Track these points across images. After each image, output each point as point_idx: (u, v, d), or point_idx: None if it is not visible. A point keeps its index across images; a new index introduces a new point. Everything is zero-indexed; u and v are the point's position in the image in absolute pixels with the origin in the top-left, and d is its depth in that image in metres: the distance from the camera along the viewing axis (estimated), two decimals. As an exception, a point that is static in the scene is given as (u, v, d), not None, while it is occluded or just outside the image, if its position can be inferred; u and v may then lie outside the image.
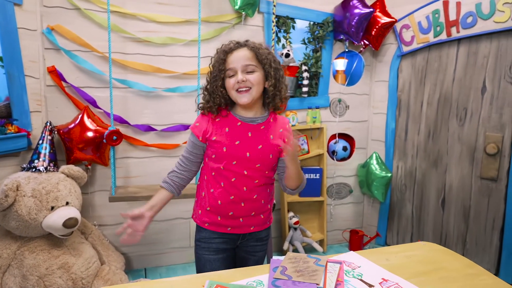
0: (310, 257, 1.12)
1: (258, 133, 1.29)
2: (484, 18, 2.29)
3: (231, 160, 1.27)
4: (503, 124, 2.30)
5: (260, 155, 1.28)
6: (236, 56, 1.24)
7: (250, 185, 1.29)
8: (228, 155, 1.27)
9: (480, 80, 2.38)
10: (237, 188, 1.29)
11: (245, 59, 1.23)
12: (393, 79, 2.84)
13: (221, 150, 1.27)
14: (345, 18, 2.60)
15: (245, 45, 1.27)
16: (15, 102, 2.04)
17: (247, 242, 1.40)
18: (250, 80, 1.23)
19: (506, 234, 2.30)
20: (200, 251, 1.38)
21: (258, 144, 1.28)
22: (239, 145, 1.27)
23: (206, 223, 1.36)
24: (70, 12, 2.16)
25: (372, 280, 1.05)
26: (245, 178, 1.29)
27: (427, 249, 1.28)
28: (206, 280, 1.00)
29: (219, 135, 1.27)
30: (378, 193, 2.81)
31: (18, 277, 1.80)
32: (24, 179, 1.87)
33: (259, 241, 1.41)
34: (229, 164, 1.28)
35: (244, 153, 1.27)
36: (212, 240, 1.36)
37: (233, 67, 1.23)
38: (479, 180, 2.42)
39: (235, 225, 1.34)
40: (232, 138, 1.27)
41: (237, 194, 1.29)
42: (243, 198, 1.30)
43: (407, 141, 2.82)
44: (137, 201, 2.36)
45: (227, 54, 1.25)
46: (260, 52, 1.25)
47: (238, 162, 1.27)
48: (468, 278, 1.08)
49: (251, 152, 1.27)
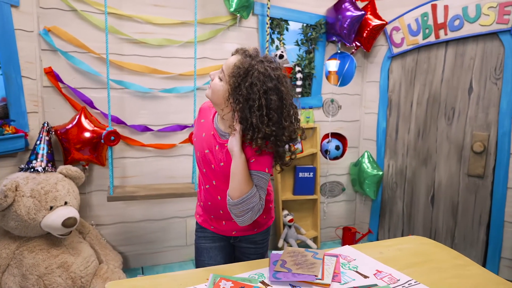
0: (308, 251, 1.18)
1: (222, 150, 1.21)
2: (470, 21, 2.37)
3: (201, 167, 1.29)
4: (489, 123, 2.39)
5: (220, 171, 1.22)
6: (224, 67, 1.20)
7: (223, 195, 1.23)
8: (199, 161, 1.28)
9: (467, 80, 2.47)
10: (212, 195, 1.29)
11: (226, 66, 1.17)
12: (384, 80, 2.92)
13: (197, 153, 1.30)
14: (337, 20, 2.66)
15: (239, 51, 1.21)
16: (12, 103, 2.05)
17: (240, 243, 1.41)
18: (211, 85, 1.20)
19: (492, 229, 2.39)
20: (198, 240, 1.43)
21: (221, 161, 1.22)
22: (208, 154, 1.24)
23: (198, 214, 1.44)
24: (66, 13, 2.17)
25: (367, 271, 1.11)
26: (216, 188, 1.26)
27: (418, 243, 1.35)
28: (210, 274, 1.05)
29: (197, 137, 1.31)
30: (370, 191, 2.89)
31: (18, 276, 1.82)
32: (23, 179, 1.88)
33: (253, 243, 1.40)
34: (201, 171, 1.30)
35: (210, 164, 1.25)
36: (207, 232, 1.40)
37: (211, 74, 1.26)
38: (467, 177, 2.51)
39: (218, 227, 1.36)
40: (204, 145, 1.26)
41: (213, 201, 1.30)
42: (220, 206, 1.29)
43: (398, 140, 2.90)
44: (134, 201, 2.41)
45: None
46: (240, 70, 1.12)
47: (207, 171, 1.26)
48: (457, 268, 1.15)
49: (215, 165, 1.23)
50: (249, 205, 1.11)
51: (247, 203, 1.11)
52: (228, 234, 1.38)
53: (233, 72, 1.13)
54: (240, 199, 1.11)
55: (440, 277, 1.08)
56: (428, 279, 1.06)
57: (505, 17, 2.22)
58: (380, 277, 1.07)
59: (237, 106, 1.11)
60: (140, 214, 2.49)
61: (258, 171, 1.16)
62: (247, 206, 1.11)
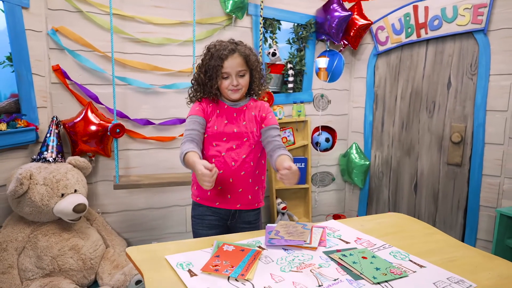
0: (298, 224, 1.36)
1: (241, 112, 1.53)
2: (448, 21, 2.57)
3: (221, 136, 1.49)
4: (465, 116, 2.59)
5: (245, 129, 1.50)
6: (231, 63, 1.44)
7: (238, 160, 1.48)
8: (218, 133, 1.49)
9: (446, 76, 2.67)
10: (226, 163, 1.48)
11: (238, 65, 1.45)
12: (370, 76, 3.11)
13: (213, 128, 1.49)
14: (326, 20, 2.84)
15: (236, 50, 1.45)
16: (24, 99, 2.19)
17: (236, 224, 1.57)
18: (241, 83, 1.48)
19: (469, 213, 2.59)
20: (196, 227, 1.58)
21: (242, 120, 1.52)
22: (227, 124, 1.50)
23: (198, 197, 1.55)
24: (73, 14, 2.32)
25: (349, 239, 1.29)
26: (234, 153, 1.48)
27: (395, 218, 1.54)
28: (214, 241, 1.22)
29: (213, 115, 1.51)
30: (358, 180, 3.08)
31: (33, 257, 1.97)
32: (36, 168, 2.03)
33: (248, 224, 1.58)
34: (219, 140, 1.49)
35: (232, 129, 1.49)
36: (205, 217, 1.55)
37: (228, 72, 1.45)
38: (446, 165, 2.72)
39: (222, 201, 1.52)
40: (221, 118, 1.50)
41: (226, 169, 1.48)
42: (231, 174, 1.49)
43: (383, 132, 3.10)
44: (137, 190, 2.57)
45: (223, 61, 1.43)
46: (250, 58, 1.48)
47: (227, 138, 1.50)
48: (425, 236, 1.34)
49: (237, 127, 1.50)
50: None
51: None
52: (232, 207, 1.53)
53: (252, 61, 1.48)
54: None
55: (410, 242, 1.27)
56: (400, 244, 1.25)
57: (478, 17, 2.42)
58: (360, 243, 1.26)
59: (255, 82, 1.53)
60: (143, 202, 2.65)
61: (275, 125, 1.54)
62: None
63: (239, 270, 1.01)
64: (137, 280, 1.99)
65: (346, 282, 0.99)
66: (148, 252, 1.13)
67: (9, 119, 2.10)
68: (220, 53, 1.44)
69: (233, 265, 1.04)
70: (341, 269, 1.06)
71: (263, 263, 1.09)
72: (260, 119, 1.54)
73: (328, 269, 1.06)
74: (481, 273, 1.05)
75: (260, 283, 0.97)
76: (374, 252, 1.17)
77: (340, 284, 0.98)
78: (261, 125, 1.53)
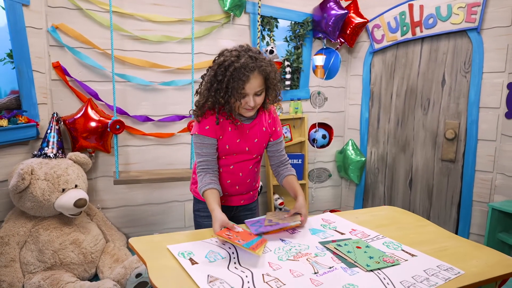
0: (288, 210, 1.42)
1: (254, 129, 1.47)
2: (443, 20, 2.62)
3: (232, 153, 1.48)
4: (459, 113, 2.64)
5: (256, 146, 1.49)
6: (252, 84, 1.31)
7: (245, 170, 1.51)
8: (230, 150, 1.47)
9: (440, 74, 2.72)
10: (234, 174, 1.51)
11: (258, 86, 1.33)
12: (366, 74, 3.15)
13: (224, 147, 1.45)
14: (323, 18, 2.88)
15: (256, 67, 1.31)
16: (24, 95, 2.22)
17: (239, 213, 1.64)
18: (257, 102, 1.37)
19: (462, 208, 2.65)
20: (200, 219, 1.61)
21: (255, 138, 1.48)
22: (240, 142, 1.46)
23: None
24: (72, 12, 2.34)
25: (344, 230, 1.34)
26: (242, 165, 1.50)
27: (389, 210, 1.59)
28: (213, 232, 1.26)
29: (223, 134, 1.45)
30: (354, 176, 3.13)
31: (35, 251, 2.01)
32: (37, 164, 2.06)
33: (249, 210, 1.66)
34: (229, 155, 1.48)
35: (244, 148, 1.47)
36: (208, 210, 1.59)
37: (247, 93, 1.33)
38: (440, 162, 2.77)
39: (226, 200, 1.57)
40: (234, 137, 1.44)
41: (233, 178, 1.52)
42: (238, 182, 1.53)
43: (379, 129, 3.15)
44: (136, 186, 2.61)
45: (245, 83, 1.30)
46: (270, 76, 1.36)
47: (238, 155, 1.49)
48: (417, 228, 1.39)
49: (249, 146, 1.47)
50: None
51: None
52: (237, 204, 1.59)
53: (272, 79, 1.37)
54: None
55: (403, 233, 1.31)
56: (393, 235, 1.29)
57: (472, 16, 2.47)
58: (354, 234, 1.30)
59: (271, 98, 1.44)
60: (142, 198, 2.68)
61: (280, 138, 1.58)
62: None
63: (250, 244, 1.07)
64: (138, 273, 2.03)
65: (341, 270, 1.03)
66: (150, 243, 1.17)
67: (10, 115, 2.13)
68: (241, 74, 1.29)
69: (244, 240, 1.09)
70: (336, 258, 1.11)
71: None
72: (271, 131, 1.53)
73: (324, 258, 1.10)
74: (470, 261, 1.10)
75: (259, 271, 1.01)
76: (368, 243, 1.21)
77: (335, 271, 1.02)
78: (270, 137, 1.54)
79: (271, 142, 1.55)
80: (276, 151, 1.57)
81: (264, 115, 1.51)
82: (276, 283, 0.95)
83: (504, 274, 1.04)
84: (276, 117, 1.57)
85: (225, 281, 0.95)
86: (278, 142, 1.56)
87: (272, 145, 1.56)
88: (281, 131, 1.58)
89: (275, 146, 1.56)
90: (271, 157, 1.59)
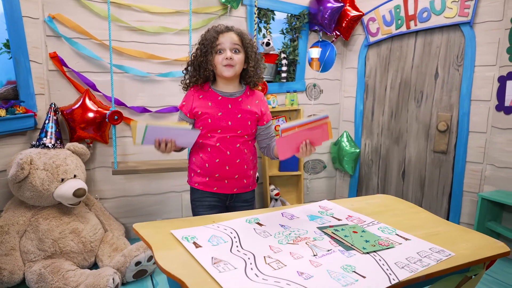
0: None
1: (237, 104, 1.54)
2: (436, 14, 2.66)
3: (216, 128, 1.53)
4: (451, 105, 2.70)
5: (239, 122, 1.54)
6: (226, 37, 1.48)
7: (233, 149, 1.54)
8: (213, 125, 1.53)
9: (434, 67, 2.77)
10: (222, 152, 1.54)
11: (233, 40, 1.48)
12: (361, 66, 3.20)
13: (207, 121, 1.52)
14: (319, 11, 2.91)
15: (232, 29, 1.52)
16: (22, 85, 2.22)
17: (235, 203, 1.66)
18: (235, 59, 1.48)
19: (453, 198, 2.73)
20: (196, 209, 1.64)
21: (238, 113, 1.53)
22: (222, 116, 1.51)
23: (197, 183, 1.61)
24: (69, 2, 2.34)
25: (340, 216, 1.39)
26: (228, 143, 1.53)
27: (383, 198, 1.64)
28: (214, 219, 1.30)
29: (203, 108, 1.52)
30: (348, 167, 3.19)
31: (35, 240, 2.03)
32: (36, 154, 2.07)
33: (245, 202, 1.67)
34: (214, 132, 1.53)
35: (226, 122, 1.52)
36: (204, 199, 1.61)
37: (223, 45, 1.47)
38: (433, 153, 2.84)
39: (220, 186, 1.59)
40: (215, 110, 1.51)
41: (221, 157, 1.54)
42: (227, 162, 1.55)
43: (373, 121, 3.20)
44: (134, 176, 2.63)
45: (219, 34, 1.48)
46: (245, 37, 1.52)
47: (222, 130, 1.53)
48: (410, 214, 1.44)
49: (232, 121, 1.52)
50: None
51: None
52: (229, 192, 1.61)
53: (247, 40, 1.52)
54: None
55: (397, 220, 1.37)
56: (387, 220, 1.35)
57: (465, 10, 2.52)
58: (351, 220, 1.35)
59: (251, 63, 1.54)
60: (139, 188, 2.71)
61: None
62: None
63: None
64: (137, 261, 2.07)
65: (339, 252, 1.08)
66: (154, 228, 1.21)
67: (8, 105, 2.13)
68: (216, 28, 1.50)
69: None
70: (333, 241, 1.15)
71: (261, 237, 1.18)
72: (260, 113, 1.59)
73: (322, 241, 1.15)
74: (460, 244, 1.15)
75: (260, 254, 1.05)
76: (364, 228, 1.26)
77: (333, 254, 1.07)
78: (259, 120, 1.60)
79: (262, 127, 1.62)
80: (267, 134, 1.64)
81: (251, 96, 1.60)
82: (278, 264, 0.99)
83: (492, 255, 1.10)
84: (265, 100, 1.65)
85: (229, 262, 0.99)
86: (268, 125, 1.64)
87: (263, 129, 1.63)
88: (269, 113, 1.65)
89: (266, 130, 1.63)
90: (262, 140, 1.65)
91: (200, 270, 0.95)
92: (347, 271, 0.97)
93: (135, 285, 2.10)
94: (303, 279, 0.92)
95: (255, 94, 1.63)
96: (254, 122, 1.59)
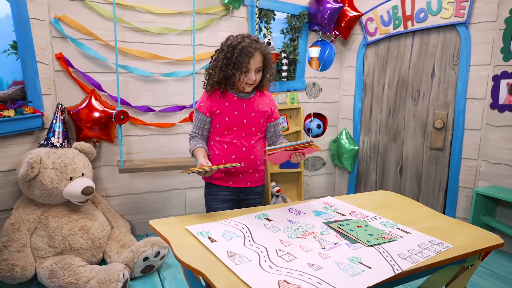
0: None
1: (251, 104, 1.66)
2: (433, 14, 2.73)
3: (232, 126, 1.64)
4: (447, 103, 2.78)
5: (254, 120, 1.66)
6: (254, 61, 1.56)
7: (248, 145, 1.65)
8: (230, 123, 1.64)
9: (430, 66, 2.85)
10: (238, 148, 1.65)
11: (259, 63, 1.58)
12: (360, 65, 3.27)
13: (224, 120, 1.63)
14: (318, 12, 2.97)
15: (260, 49, 1.57)
16: (29, 86, 2.26)
17: (247, 196, 1.76)
18: (257, 78, 1.61)
19: (449, 193, 2.81)
20: (211, 202, 1.73)
21: (252, 112, 1.66)
22: (238, 115, 1.64)
23: (213, 178, 1.70)
24: (75, 3, 2.38)
25: (344, 211, 1.46)
26: (244, 140, 1.66)
27: (383, 194, 1.72)
28: (226, 215, 1.36)
29: (221, 108, 1.64)
30: (347, 164, 3.27)
31: (45, 237, 2.08)
32: (45, 153, 2.12)
33: (257, 194, 1.79)
34: (230, 130, 1.65)
35: (242, 120, 1.64)
36: (219, 192, 1.71)
37: (249, 66, 1.56)
38: (429, 150, 2.92)
39: (236, 180, 1.69)
40: (232, 109, 1.63)
41: (238, 153, 1.65)
42: (243, 157, 1.66)
43: (372, 118, 3.28)
44: (139, 175, 2.68)
45: (250, 59, 1.55)
46: (268, 57, 1.61)
47: (238, 128, 1.65)
48: (409, 209, 1.52)
49: (247, 119, 1.65)
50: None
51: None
52: (244, 185, 1.70)
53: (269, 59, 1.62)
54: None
55: (397, 214, 1.44)
56: (389, 215, 1.42)
57: (461, 11, 2.59)
58: (354, 215, 1.43)
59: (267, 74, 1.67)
60: (144, 186, 2.77)
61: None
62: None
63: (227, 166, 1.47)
64: (145, 257, 2.13)
65: (345, 245, 1.15)
66: (170, 224, 1.27)
67: (16, 105, 2.17)
68: (247, 51, 1.54)
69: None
70: (339, 235, 1.23)
71: (272, 232, 1.24)
72: (270, 111, 1.71)
73: (329, 235, 1.22)
74: (457, 237, 1.23)
75: (272, 247, 1.12)
76: (367, 222, 1.34)
77: (340, 247, 1.14)
78: (268, 117, 1.72)
79: (271, 124, 1.73)
80: (275, 131, 1.75)
81: (262, 96, 1.72)
82: (289, 257, 1.06)
83: (487, 247, 1.18)
84: (273, 100, 1.78)
85: (243, 255, 1.05)
86: (276, 123, 1.76)
87: (271, 126, 1.74)
88: (278, 113, 1.77)
89: (274, 127, 1.75)
90: (270, 138, 1.77)
91: (217, 262, 1.01)
92: (354, 262, 1.04)
93: (143, 280, 2.16)
94: (314, 270, 0.99)
95: (265, 94, 1.75)
96: (265, 120, 1.71)
